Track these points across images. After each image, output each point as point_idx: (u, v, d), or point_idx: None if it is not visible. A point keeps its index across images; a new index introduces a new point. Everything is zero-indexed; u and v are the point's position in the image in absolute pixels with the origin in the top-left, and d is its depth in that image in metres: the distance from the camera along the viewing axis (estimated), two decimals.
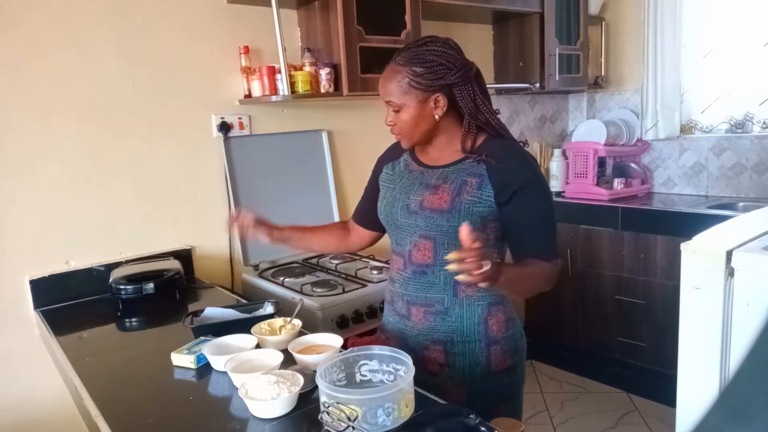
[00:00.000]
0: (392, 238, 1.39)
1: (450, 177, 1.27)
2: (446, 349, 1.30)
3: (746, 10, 2.92)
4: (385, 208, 1.37)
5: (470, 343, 1.29)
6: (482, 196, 1.23)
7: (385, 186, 1.41)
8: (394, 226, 1.35)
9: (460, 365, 1.30)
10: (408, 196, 1.31)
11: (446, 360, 1.30)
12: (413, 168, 1.36)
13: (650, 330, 2.87)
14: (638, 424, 2.63)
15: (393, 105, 1.27)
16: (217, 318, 1.52)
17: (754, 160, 2.95)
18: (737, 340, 1.27)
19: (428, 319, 1.30)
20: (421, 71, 1.22)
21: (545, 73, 2.99)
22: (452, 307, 1.29)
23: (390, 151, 1.47)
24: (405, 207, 1.31)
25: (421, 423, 0.95)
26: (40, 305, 1.87)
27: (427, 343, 1.31)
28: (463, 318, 1.29)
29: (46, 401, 1.91)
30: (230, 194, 2.24)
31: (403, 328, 1.35)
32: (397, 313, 1.36)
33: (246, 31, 2.25)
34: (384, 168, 1.44)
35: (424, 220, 1.26)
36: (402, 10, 2.31)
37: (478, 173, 1.24)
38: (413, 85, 1.23)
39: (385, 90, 1.28)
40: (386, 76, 1.27)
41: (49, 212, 1.90)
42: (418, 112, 1.25)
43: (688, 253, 1.33)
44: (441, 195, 1.25)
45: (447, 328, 1.29)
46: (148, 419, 1.12)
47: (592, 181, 3.19)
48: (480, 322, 1.29)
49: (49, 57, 1.87)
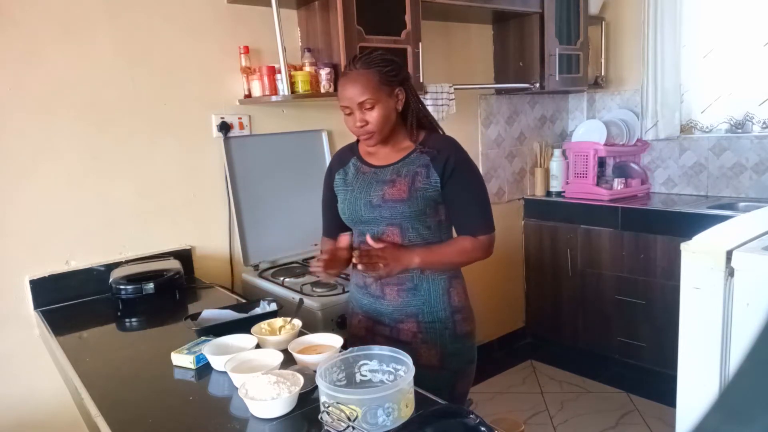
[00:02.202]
0: (356, 232, 1.55)
1: (402, 171, 1.45)
2: (418, 320, 1.48)
3: (746, 10, 2.92)
4: (348, 208, 1.51)
5: (437, 312, 1.49)
6: (431, 182, 1.43)
7: (342, 190, 1.55)
8: (359, 222, 1.51)
9: (431, 331, 1.48)
10: (368, 194, 1.47)
11: (419, 328, 1.48)
12: (365, 170, 1.52)
13: (650, 330, 2.87)
14: (638, 424, 2.63)
15: (368, 103, 1.39)
16: (215, 319, 1.52)
17: (754, 160, 2.95)
18: (737, 340, 1.27)
19: (401, 296, 1.49)
20: (386, 69, 1.41)
21: (545, 73, 2.99)
22: (420, 283, 1.48)
23: (337, 160, 1.62)
24: (368, 203, 1.46)
25: (421, 423, 0.95)
26: (40, 305, 1.87)
27: (401, 317, 1.49)
28: (430, 291, 1.48)
29: (46, 401, 1.91)
30: (230, 194, 2.24)
31: (378, 307, 1.52)
32: (372, 294, 1.53)
33: (246, 31, 2.25)
34: (336, 175, 1.58)
35: (388, 211, 1.44)
36: (402, 10, 2.31)
37: (424, 164, 1.44)
38: (383, 80, 1.40)
39: (356, 91, 1.39)
40: (354, 80, 1.40)
41: (49, 212, 1.90)
42: (388, 105, 1.42)
43: (688, 253, 1.33)
44: (399, 187, 1.43)
45: (417, 302, 1.48)
46: (148, 419, 1.12)
47: (592, 181, 3.19)
48: (444, 294, 1.49)
49: (49, 57, 1.87)
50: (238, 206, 2.26)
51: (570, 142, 3.39)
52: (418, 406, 1.02)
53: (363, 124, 1.42)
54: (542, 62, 2.98)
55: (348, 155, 1.59)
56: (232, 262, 2.30)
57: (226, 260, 2.29)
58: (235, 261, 2.29)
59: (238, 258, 2.27)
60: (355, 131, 1.46)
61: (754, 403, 0.31)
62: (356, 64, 1.42)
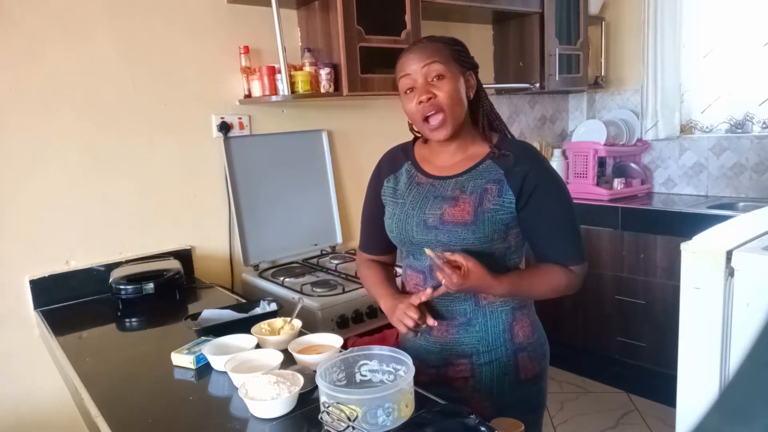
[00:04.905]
0: (406, 254, 1.31)
1: (467, 186, 1.19)
2: (472, 362, 1.23)
3: (746, 10, 2.92)
4: (397, 226, 1.26)
5: (497, 351, 1.23)
6: (504, 203, 1.17)
7: (391, 201, 1.30)
8: (409, 243, 1.25)
9: (487, 377, 1.23)
10: (423, 211, 1.22)
11: (472, 373, 1.23)
12: (421, 180, 1.26)
13: (650, 330, 2.87)
14: (638, 424, 2.63)
15: (436, 68, 1.15)
16: (215, 319, 1.52)
17: (754, 160, 2.95)
18: (737, 340, 1.27)
19: (451, 333, 1.23)
20: (457, 47, 1.20)
21: (545, 73, 2.99)
22: (475, 317, 1.22)
23: (387, 163, 1.36)
24: (422, 222, 1.21)
25: (421, 423, 0.95)
26: (40, 305, 1.87)
27: (451, 358, 1.24)
28: (488, 327, 1.22)
29: (46, 401, 1.91)
30: (230, 194, 2.24)
31: (423, 344, 1.27)
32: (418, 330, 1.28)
33: (246, 31, 2.25)
34: (385, 182, 1.33)
35: (446, 235, 1.18)
36: (402, 10, 2.31)
37: (497, 179, 1.18)
38: (454, 56, 1.18)
39: (425, 54, 1.16)
40: (422, 47, 1.19)
41: (49, 212, 1.90)
42: (460, 84, 1.18)
43: (688, 253, 1.32)
44: (462, 206, 1.17)
45: (471, 340, 1.23)
46: (148, 419, 1.12)
47: (592, 181, 3.19)
48: (505, 330, 1.23)
49: (49, 57, 1.87)
50: (238, 206, 2.26)
51: (570, 142, 3.38)
52: (418, 406, 1.02)
53: (430, 96, 1.15)
54: (542, 62, 2.98)
55: (401, 158, 1.32)
56: (232, 262, 2.30)
57: (226, 260, 2.29)
58: (235, 261, 2.29)
59: (238, 258, 2.27)
60: (418, 112, 1.17)
61: (754, 403, 0.31)
62: (422, 41, 1.21)
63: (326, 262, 2.33)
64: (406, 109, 1.21)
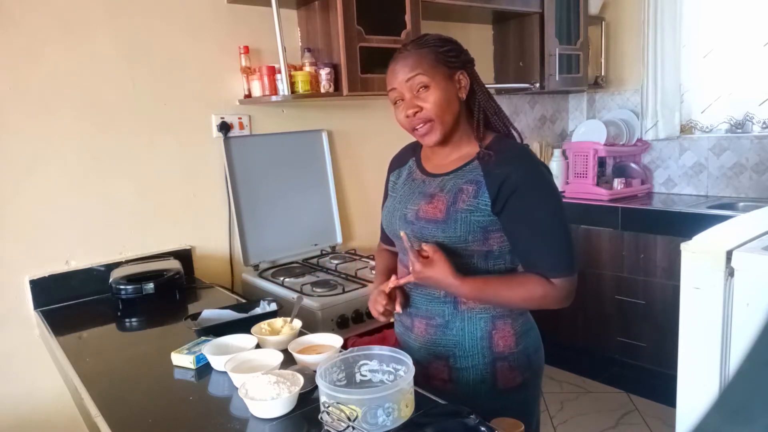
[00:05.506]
0: (398, 248, 1.34)
1: (447, 185, 1.20)
2: (449, 364, 1.22)
3: (746, 10, 2.92)
4: (386, 219, 1.32)
5: (473, 358, 1.21)
6: (479, 204, 1.15)
7: (390, 195, 1.35)
8: (395, 237, 1.28)
9: (464, 381, 1.22)
10: (406, 206, 1.25)
11: (450, 375, 1.23)
12: (416, 176, 1.29)
13: (650, 330, 2.87)
14: (638, 424, 2.63)
15: (419, 80, 1.15)
16: (215, 319, 1.52)
17: (754, 160, 2.95)
18: (737, 340, 1.27)
19: (429, 332, 1.24)
20: (443, 49, 1.18)
21: (545, 73, 2.99)
22: (453, 320, 1.21)
23: (397, 158, 1.40)
24: (402, 217, 1.25)
25: (421, 423, 0.95)
26: (40, 305, 1.87)
27: (429, 357, 1.24)
28: (464, 332, 1.21)
29: (46, 401, 1.91)
30: (230, 194, 2.24)
31: (407, 339, 1.30)
32: (403, 324, 1.32)
33: (246, 31, 2.25)
34: (391, 175, 1.38)
35: (419, 230, 1.19)
36: (402, 10, 2.31)
37: (475, 180, 1.16)
38: (439, 60, 1.17)
39: (408, 67, 1.17)
40: (405, 57, 1.18)
41: (49, 212, 1.90)
42: (448, 90, 1.17)
43: (688, 253, 1.33)
44: (436, 204, 1.19)
45: (448, 342, 1.22)
46: (148, 419, 1.12)
47: (592, 181, 3.19)
48: (483, 337, 1.21)
49: (49, 57, 1.87)
50: (238, 206, 2.26)
51: (570, 142, 3.38)
52: (418, 406, 1.02)
53: (416, 110, 1.16)
54: (542, 62, 2.98)
55: (409, 154, 1.36)
56: (232, 262, 2.30)
57: (226, 260, 2.29)
58: (235, 261, 2.29)
59: (238, 258, 2.27)
60: (407, 123, 1.20)
61: (754, 403, 0.31)
62: (407, 47, 1.20)
63: (326, 262, 2.33)
64: (396, 119, 1.23)
